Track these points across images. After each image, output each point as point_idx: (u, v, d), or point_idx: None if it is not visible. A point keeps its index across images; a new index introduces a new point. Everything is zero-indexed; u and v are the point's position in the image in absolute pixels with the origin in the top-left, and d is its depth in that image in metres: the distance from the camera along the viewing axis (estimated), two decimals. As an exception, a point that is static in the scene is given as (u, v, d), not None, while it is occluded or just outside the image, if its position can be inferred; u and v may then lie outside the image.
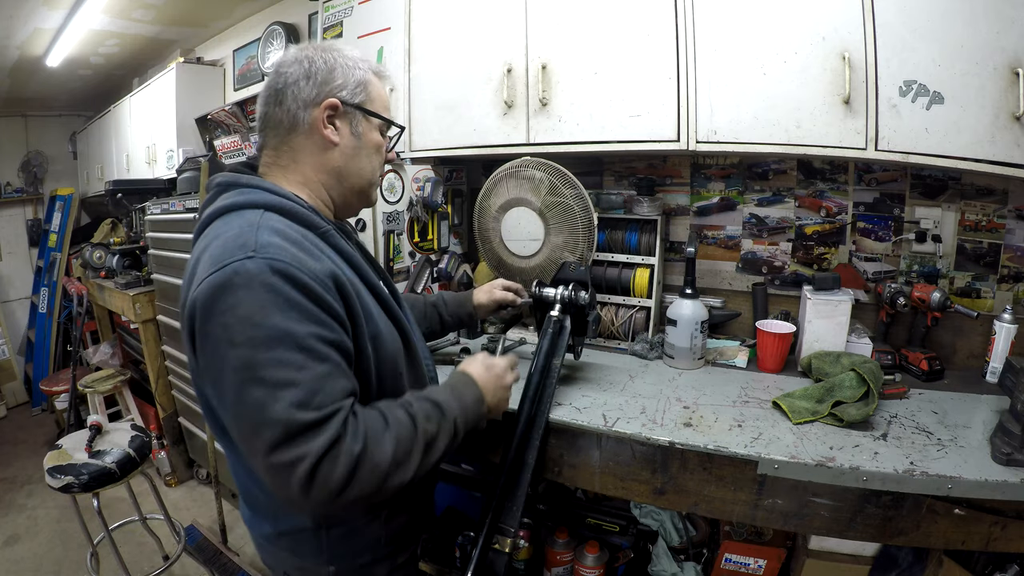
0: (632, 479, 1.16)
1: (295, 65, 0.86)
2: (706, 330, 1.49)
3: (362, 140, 0.91)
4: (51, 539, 2.56)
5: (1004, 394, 1.26)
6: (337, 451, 0.67)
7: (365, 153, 0.92)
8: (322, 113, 0.85)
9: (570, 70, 1.54)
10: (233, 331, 0.67)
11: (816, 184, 1.68)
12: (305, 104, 0.85)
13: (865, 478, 0.97)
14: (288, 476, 0.65)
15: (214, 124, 3.40)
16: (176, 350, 2.75)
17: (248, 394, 0.66)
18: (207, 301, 0.68)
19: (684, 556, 1.67)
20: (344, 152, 0.89)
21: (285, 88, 0.85)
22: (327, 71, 0.86)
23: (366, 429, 0.72)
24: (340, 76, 0.87)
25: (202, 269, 0.71)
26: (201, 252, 0.75)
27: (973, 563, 1.24)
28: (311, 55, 0.87)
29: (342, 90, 0.87)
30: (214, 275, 0.68)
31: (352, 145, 0.90)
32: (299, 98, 0.85)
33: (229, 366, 0.67)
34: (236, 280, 0.67)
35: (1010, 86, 1.14)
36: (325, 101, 0.85)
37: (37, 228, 4.82)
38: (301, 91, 0.85)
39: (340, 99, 0.86)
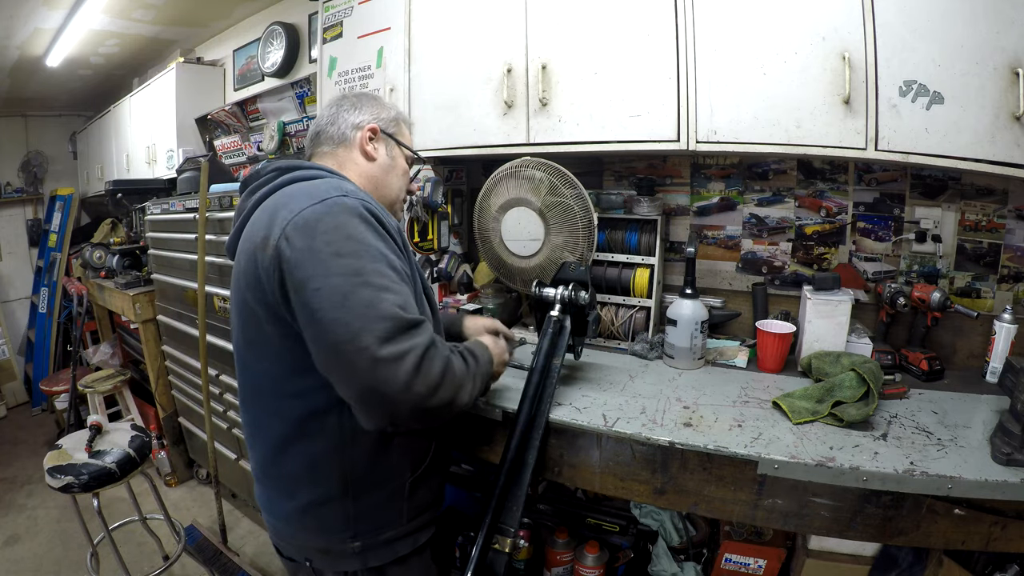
0: (632, 479, 1.16)
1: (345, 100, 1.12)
2: (706, 330, 1.49)
3: (394, 162, 1.12)
4: (51, 539, 2.56)
5: (1004, 394, 1.26)
6: (435, 351, 0.80)
7: (395, 173, 1.13)
8: (365, 133, 1.08)
9: (570, 70, 1.54)
10: (339, 245, 0.79)
11: (816, 184, 1.68)
12: (353, 126, 1.08)
13: (865, 478, 0.97)
14: (398, 366, 0.74)
15: (214, 124, 3.40)
16: (175, 350, 2.75)
17: (358, 294, 0.76)
18: (311, 223, 0.80)
19: (684, 556, 1.67)
20: (380, 166, 1.10)
21: (339, 113, 1.09)
22: (371, 107, 1.11)
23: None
24: (381, 111, 1.12)
25: (291, 209, 0.82)
26: (279, 205, 0.86)
27: (973, 563, 1.24)
28: (359, 96, 1.13)
29: (381, 121, 1.11)
30: (315, 205, 0.82)
31: (386, 163, 1.11)
32: (349, 121, 1.08)
33: (336, 272, 0.77)
34: (336, 209, 0.82)
35: (1010, 86, 1.14)
36: (368, 124, 1.09)
37: (37, 228, 4.82)
38: (351, 116, 1.09)
39: (380, 127, 1.10)
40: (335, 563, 0.96)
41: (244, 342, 0.94)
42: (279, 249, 0.80)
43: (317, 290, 0.76)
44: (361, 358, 0.74)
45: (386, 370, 0.74)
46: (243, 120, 3.24)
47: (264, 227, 0.84)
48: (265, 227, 0.84)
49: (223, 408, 2.40)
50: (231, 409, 2.36)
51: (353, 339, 0.74)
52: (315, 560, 0.97)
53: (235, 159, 3.28)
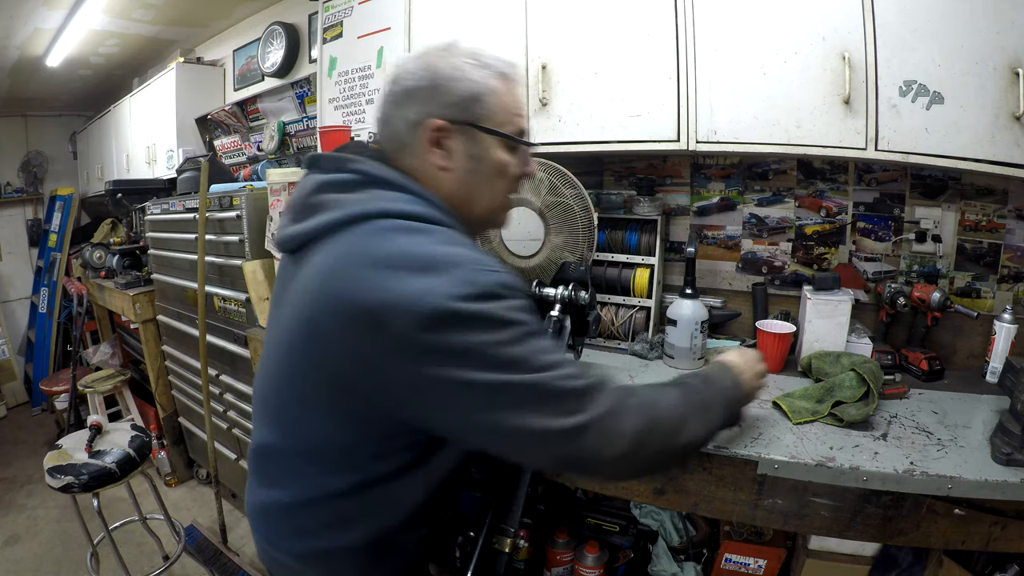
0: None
1: (395, 83, 0.80)
2: (706, 330, 1.49)
3: (481, 162, 0.80)
4: (51, 539, 2.56)
5: (1004, 394, 1.26)
6: (619, 407, 0.70)
7: (485, 177, 0.81)
8: (427, 134, 0.77)
9: (570, 70, 1.54)
10: (498, 333, 0.65)
11: (816, 184, 1.68)
12: (409, 124, 0.78)
13: (865, 478, 0.97)
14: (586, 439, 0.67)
15: (214, 124, 3.40)
16: (175, 350, 2.75)
17: (543, 380, 0.66)
18: (458, 311, 0.64)
19: (684, 556, 1.66)
20: (459, 178, 0.80)
21: (388, 109, 0.81)
22: (429, 86, 0.77)
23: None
24: (444, 91, 0.77)
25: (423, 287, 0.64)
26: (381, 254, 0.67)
27: (973, 563, 1.24)
28: (411, 67, 0.79)
29: (447, 107, 0.77)
30: (451, 287, 0.64)
31: (468, 169, 0.80)
32: (404, 118, 0.78)
33: (505, 368, 0.65)
34: (488, 290, 0.66)
35: (1010, 86, 1.14)
36: (427, 122, 0.77)
37: (37, 228, 4.82)
38: (403, 112, 0.78)
39: (446, 119, 0.77)
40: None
41: (293, 395, 0.77)
42: (416, 344, 0.64)
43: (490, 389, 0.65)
44: (572, 440, 0.66)
45: (606, 434, 0.68)
46: (243, 120, 3.24)
47: (368, 291, 0.65)
48: (370, 293, 0.65)
49: (223, 408, 2.40)
50: (231, 409, 2.36)
51: (549, 420, 0.65)
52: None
53: (235, 159, 3.29)
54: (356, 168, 0.77)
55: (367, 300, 0.65)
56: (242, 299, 2.14)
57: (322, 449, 0.78)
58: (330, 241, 0.72)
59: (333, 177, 0.77)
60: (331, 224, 0.72)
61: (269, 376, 0.82)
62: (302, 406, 0.76)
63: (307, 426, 0.78)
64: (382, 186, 0.75)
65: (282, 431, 0.81)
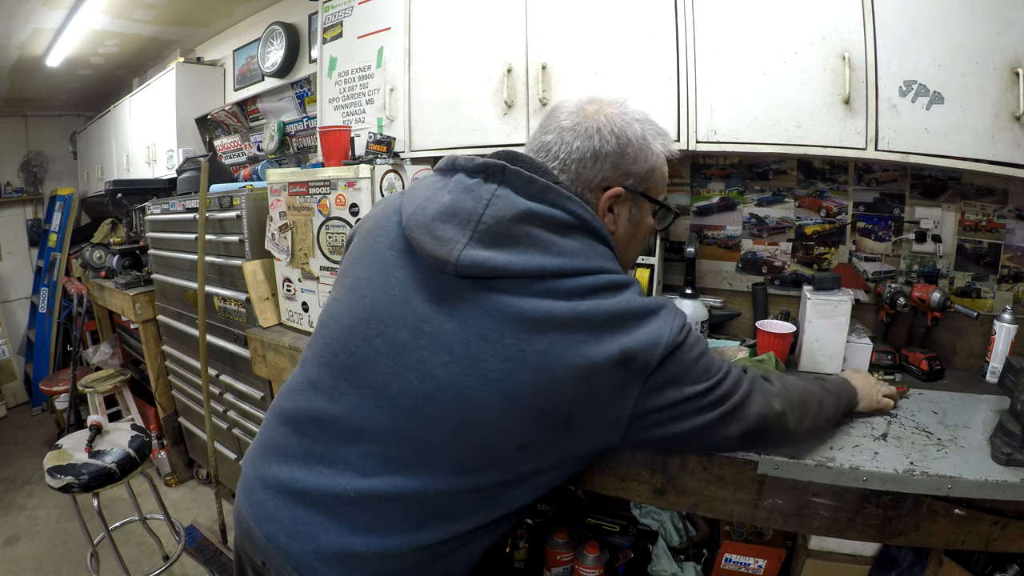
0: (632, 479, 1.16)
1: (584, 139, 0.79)
2: (706, 330, 1.49)
3: (638, 227, 0.86)
4: (51, 539, 2.56)
5: (1004, 394, 1.26)
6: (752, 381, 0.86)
7: (637, 240, 0.88)
8: (606, 201, 0.81)
9: (570, 70, 1.54)
10: (697, 348, 0.78)
11: (816, 184, 1.68)
12: (588, 186, 0.79)
13: (865, 478, 0.97)
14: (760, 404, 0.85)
15: (214, 124, 3.40)
16: (175, 350, 2.75)
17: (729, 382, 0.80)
18: (682, 341, 0.75)
19: (684, 556, 1.67)
20: (618, 239, 0.83)
21: (569, 162, 0.79)
22: (618, 154, 0.79)
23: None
24: (631, 161, 0.81)
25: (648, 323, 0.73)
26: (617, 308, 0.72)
27: (973, 563, 1.24)
28: (603, 130, 0.79)
29: (630, 177, 0.81)
30: (678, 321, 0.76)
31: (627, 233, 0.85)
32: (583, 178, 0.79)
33: (700, 368, 0.77)
34: (687, 322, 0.78)
35: (1010, 86, 1.14)
36: (611, 190, 0.80)
37: (37, 228, 4.82)
38: (586, 172, 0.79)
39: (626, 187, 0.80)
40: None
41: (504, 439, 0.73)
42: (660, 371, 0.73)
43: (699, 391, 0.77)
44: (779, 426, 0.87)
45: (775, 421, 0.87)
46: (243, 120, 3.24)
47: (614, 336, 0.70)
48: (618, 336, 0.71)
49: (223, 408, 2.40)
50: (231, 409, 2.36)
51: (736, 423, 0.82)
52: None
53: (235, 159, 3.29)
54: (569, 208, 0.75)
55: (623, 345, 0.70)
56: (242, 299, 2.14)
57: (510, 482, 0.78)
58: (546, 290, 0.71)
59: (543, 210, 0.74)
60: (551, 271, 0.71)
61: (439, 422, 0.73)
62: (521, 449, 0.74)
63: (513, 466, 0.76)
64: (594, 237, 0.77)
65: (457, 475, 0.75)
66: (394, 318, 0.76)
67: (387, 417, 0.75)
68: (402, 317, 0.75)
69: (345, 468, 0.76)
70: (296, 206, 1.90)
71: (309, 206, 1.85)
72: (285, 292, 2.05)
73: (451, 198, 0.75)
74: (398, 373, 0.74)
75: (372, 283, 0.81)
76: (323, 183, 1.80)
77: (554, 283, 0.71)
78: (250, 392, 2.20)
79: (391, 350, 0.75)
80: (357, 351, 0.78)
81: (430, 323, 0.73)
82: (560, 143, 0.80)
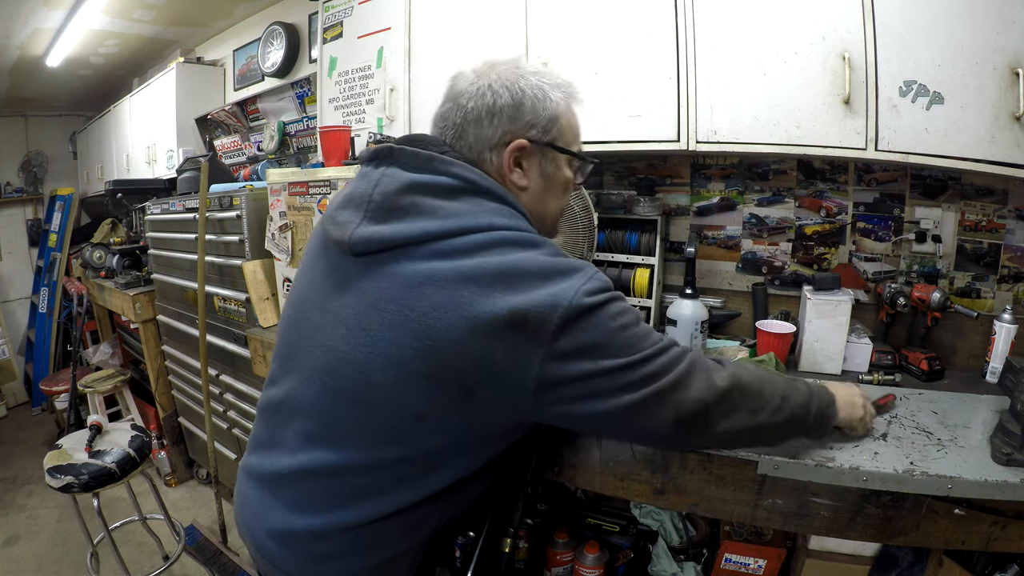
0: (632, 479, 1.16)
1: (476, 99, 0.78)
2: (706, 330, 1.49)
3: (551, 180, 0.84)
4: (51, 539, 2.56)
5: (1004, 394, 1.26)
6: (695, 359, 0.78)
7: (553, 194, 0.86)
8: (508, 158, 0.79)
9: (570, 70, 1.53)
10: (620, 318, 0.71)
11: (816, 184, 1.68)
12: (489, 145, 0.78)
13: (865, 478, 0.97)
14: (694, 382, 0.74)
15: (214, 124, 3.40)
16: (175, 350, 2.75)
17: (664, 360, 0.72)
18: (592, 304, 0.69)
19: (684, 556, 1.67)
20: (532, 195, 0.82)
21: (466, 125, 0.78)
22: (513, 106, 0.78)
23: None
24: (529, 111, 0.79)
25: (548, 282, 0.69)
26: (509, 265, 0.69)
27: (973, 563, 1.24)
28: (494, 85, 0.78)
29: (531, 128, 0.79)
30: (585, 283, 0.70)
31: (540, 187, 0.83)
32: (482, 138, 0.78)
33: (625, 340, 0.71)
34: (605, 286, 0.72)
35: (1010, 86, 1.14)
36: (511, 144, 0.78)
37: (37, 228, 4.82)
38: (484, 131, 0.78)
39: (529, 139, 0.78)
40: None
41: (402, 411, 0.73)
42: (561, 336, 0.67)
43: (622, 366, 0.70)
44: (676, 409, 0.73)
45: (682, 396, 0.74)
46: (243, 120, 3.24)
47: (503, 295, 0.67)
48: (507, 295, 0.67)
49: (223, 408, 2.40)
50: (231, 409, 2.36)
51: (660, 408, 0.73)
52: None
53: (235, 159, 3.29)
54: (454, 172, 0.74)
55: (512, 305, 0.66)
56: (242, 299, 2.14)
57: (419, 459, 0.77)
58: (435, 248, 0.70)
59: (427, 179, 0.73)
60: (438, 233, 0.70)
61: (343, 397, 0.75)
62: (419, 420, 0.73)
63: (416, 439, 0.75)
64: (484, 196, 0.74)
65: (364, 448, 0.76)
66: (310, 303, 0.81)
67: (309, 394, 0.79)
68: (315, 301, 0.80)
69: (283, 447, 0.82)
70: (296, 206, 1.90)
71: (309, 206, 1.85)
72: (285, 292, 2.05)
73: (351, 187, 0.79)
74: (312, 351, 0.79)
75: (302, 276, 0.87)
76: (323, 183, 1.80)
77: (438, 244, 0.70)
78: (250, 392, 2.20)
79: (310, 332, 0.80)
80: (291, 338, 0.84)
81: (333, 301, 0.77)
82: (455, 108, 0.80)
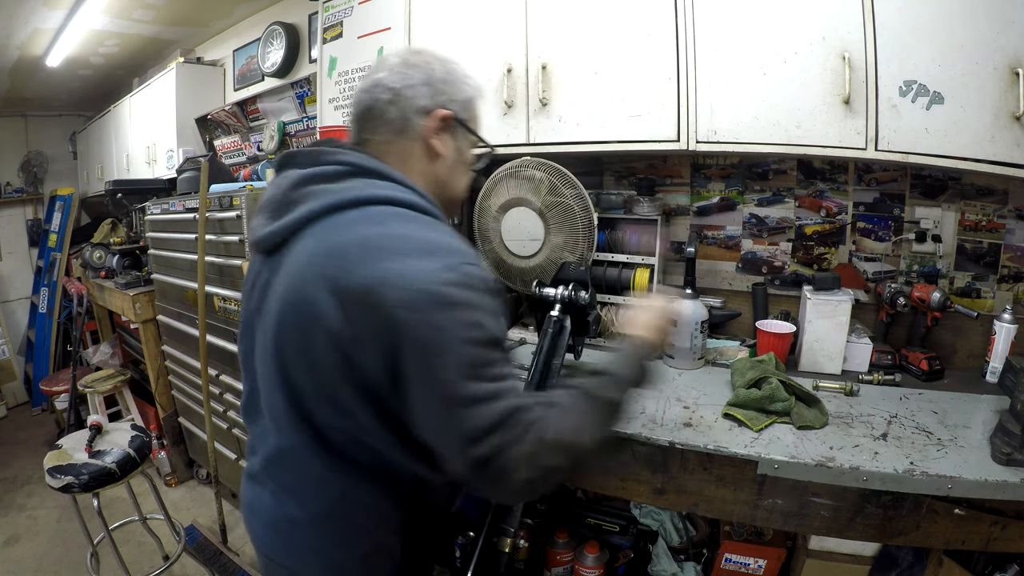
0: (632, 479, 1.16)
1: (415, 69, 0.84)
2: (706, 330, 1.49)
3: (461, 156, 0.91)
4: (51, 539, 2.56)
5: (1004, 394, 1.27)
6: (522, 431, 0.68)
7: (461, 169, 0.93)
8: (435, 122, 0.84)
9: (570, 70, 1.54)
10: (472, 331, 0.67)
11: (816, 184, 1.68)
12: (420, 111, 0.83)
13: (865, 478, 0.97)
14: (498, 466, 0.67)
15: (214, 124, 3.40)
16: (175, 350, 2.75)
17: (482, 392, 0.67)
18: (440, 295, 0.66)
19: (684, 556, 1.67)
20: (446, 164, 0.88)
21: (402, 90, 0.83)
22: (444, 82, 0.85)
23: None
24: (454, 89, 0.87)
25: (410, 267, 0.67)
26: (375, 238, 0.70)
27: (973, 563, 1.24)
28: (431, 61, 0.86)
29: (454, 103, 0.86)
30: (445, 274, 0.67)
31: (453, 159, 0.89)
32: (415, 103, 0.83)
33: (468, 363, 0.67)
34: (467, 281, 0.68)
35: (1010, 86, 1.14)
36: (438, 112, 0.84)
37: (37, 228, 4.82)
38: (418, 96, 0.83)
39: (453, 112, 0.85)
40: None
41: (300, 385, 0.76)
42: (400, 319, 0.65)
43: (426, 367, 0.67)
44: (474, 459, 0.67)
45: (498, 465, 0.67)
46: (243, 120, 3.24)
47: (366, 270, 0.67)
48: (369, 272, 0.67)
49: (223, 408, 2.40)
50: (231, 409, 2.36)
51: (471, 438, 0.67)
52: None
53: (235, 159, 3.29)
54: (340, 159, 0.79)
55: (364, 279, 0.67)
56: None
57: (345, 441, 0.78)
58: (318, 228, 0.73)
59: (316, 170, 0.78)
60: (319, 211, 0.74)
61: (272, 382, 0.79)
62: (328, 399, 0.75)
63: (331, 419, 0.77)
64: (370, 175, 0.78)
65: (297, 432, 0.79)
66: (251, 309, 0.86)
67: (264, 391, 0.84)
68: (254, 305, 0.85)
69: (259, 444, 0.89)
70: (296, 206, 1.90)
71: (309, 206, 1.85)
72: (285, 292, 2.04)
73: (263, 196, 0.85)
74: (250, 346, 0.86)
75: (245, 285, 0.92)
76: (323, 183, 1.80)
77: (323, 222, 0.73)
78: (250, 392, 2.20)
79: (251, 332, 0.86)
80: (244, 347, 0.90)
81: (254, 299, 0.84)
82: (369, 97, 0.85)
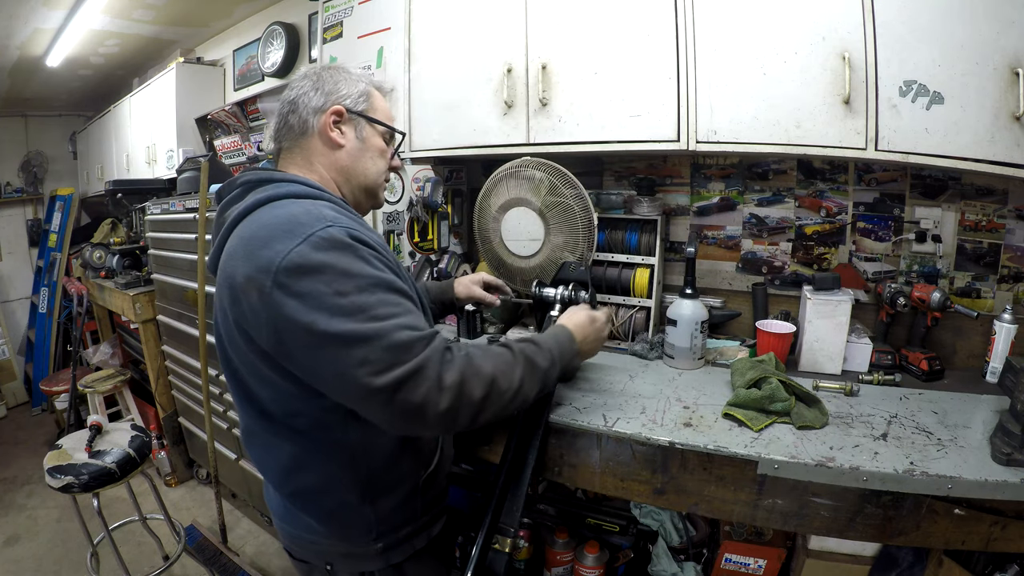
0: (632, 479, 1.16)
1: (305, 80, 1.00)
2: (706, 330, 1.49)
3: (366, 144, 1.02)
4: (51, 539, 2.56)
5: (1004, 394, 1.26)
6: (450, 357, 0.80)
7: (369, 156, 1.02)
8: (328, 118, 0.97)
9: (570, 70, 1.54)
10: (338, 284, 0.75)
11: (816, 184, 1.68)
12: (314, 111, 0.97)
13: (865, 478, 0.97)
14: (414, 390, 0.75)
15: (214, 124, 3.40)
16: (175, 350, 2.75)
17: (369, 329, 0.74)
18: (302, 267, 0.74)
19: (684, 556, 1.67)
20: (350, 153, 1.00)
21: (297, 99, 0.98)
22: (333, 83, 0.99)
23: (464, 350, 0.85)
24: (344, 88, 1.00)
25: (275, 251, 0.75)
26: (256, 239, 0.78)
27: (973, 563, 1.24)
28: (319, 72, 1.01)
29: (346, 99, 0.99)
30: (300, 246, 0.75)
31: (357, 147, 1.01)
32: (309, 106, 0.97)
33: (342, 313, 0.74)
34: (325, 244, 0.76)
35: (1010, 86, 1.14)
36: (331, 107, 0.97)
37: (37, 228, 4.83)
38: (311, 100, 0.97)
39: (345, 106, 0.98)
40: (357, 565, 0.98)
41: (239, 371, 0.90)
42: (272, 298, 0.74)
43: (314, 336, 0.73)
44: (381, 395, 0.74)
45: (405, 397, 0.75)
46: (243, 120, 3.24)
47: (244, 265, 0.77)
48: (246, 265, 0.77)
49: (223, 408, 2.40)
50: (231, 409, 2.36)
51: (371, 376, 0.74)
52: (336, 563, 0.98)
53: (235, 159, 3.29)
54: (240, 181, 0.93)
55: (245, 273, 0.77)
56: (242, 299, 2.13)
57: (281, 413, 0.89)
58: (230, 240, 0.85)
59: (227, 198, 0.93)
60: (228, 228, 0.86)
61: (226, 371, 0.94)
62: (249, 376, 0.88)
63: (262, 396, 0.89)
64: (257, 186, 0.90)
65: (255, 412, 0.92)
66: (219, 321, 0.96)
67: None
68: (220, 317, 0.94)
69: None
70: (296, 206, 1.90)
71: (309, 206, 1.85)
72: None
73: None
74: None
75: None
76: (323, 183, 1.80)
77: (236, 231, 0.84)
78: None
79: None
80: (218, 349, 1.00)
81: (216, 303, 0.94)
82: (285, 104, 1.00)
